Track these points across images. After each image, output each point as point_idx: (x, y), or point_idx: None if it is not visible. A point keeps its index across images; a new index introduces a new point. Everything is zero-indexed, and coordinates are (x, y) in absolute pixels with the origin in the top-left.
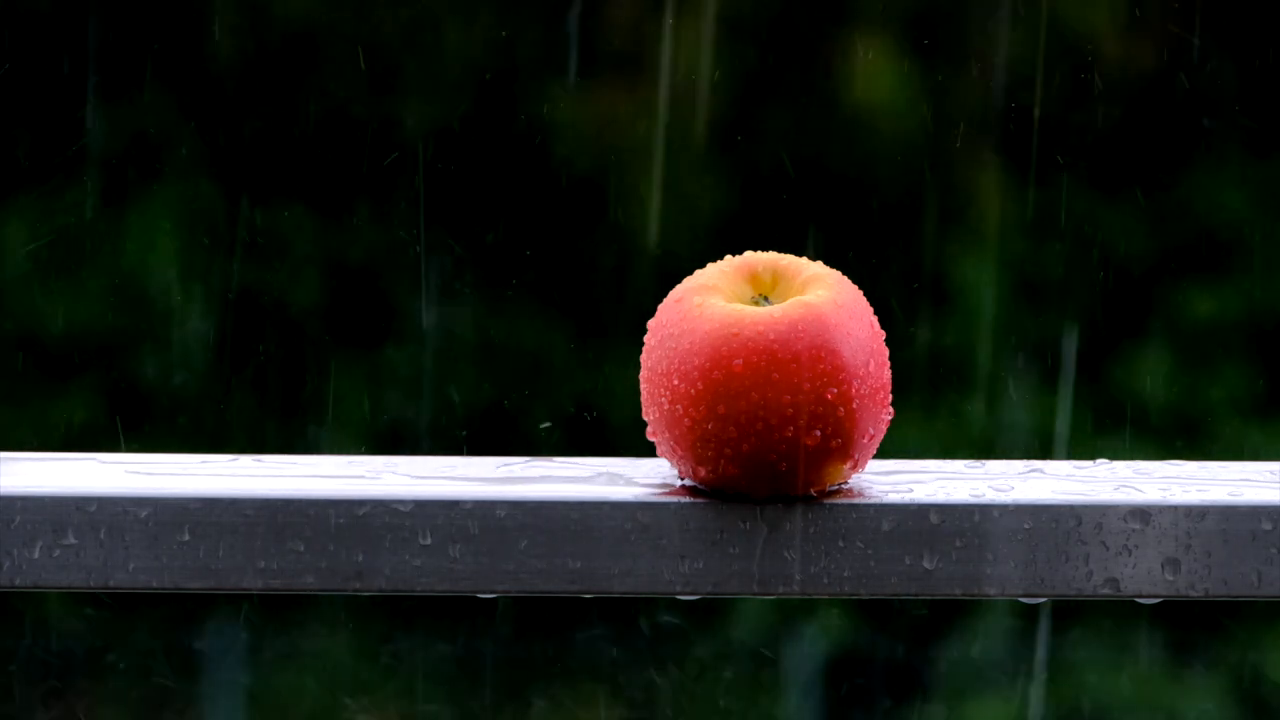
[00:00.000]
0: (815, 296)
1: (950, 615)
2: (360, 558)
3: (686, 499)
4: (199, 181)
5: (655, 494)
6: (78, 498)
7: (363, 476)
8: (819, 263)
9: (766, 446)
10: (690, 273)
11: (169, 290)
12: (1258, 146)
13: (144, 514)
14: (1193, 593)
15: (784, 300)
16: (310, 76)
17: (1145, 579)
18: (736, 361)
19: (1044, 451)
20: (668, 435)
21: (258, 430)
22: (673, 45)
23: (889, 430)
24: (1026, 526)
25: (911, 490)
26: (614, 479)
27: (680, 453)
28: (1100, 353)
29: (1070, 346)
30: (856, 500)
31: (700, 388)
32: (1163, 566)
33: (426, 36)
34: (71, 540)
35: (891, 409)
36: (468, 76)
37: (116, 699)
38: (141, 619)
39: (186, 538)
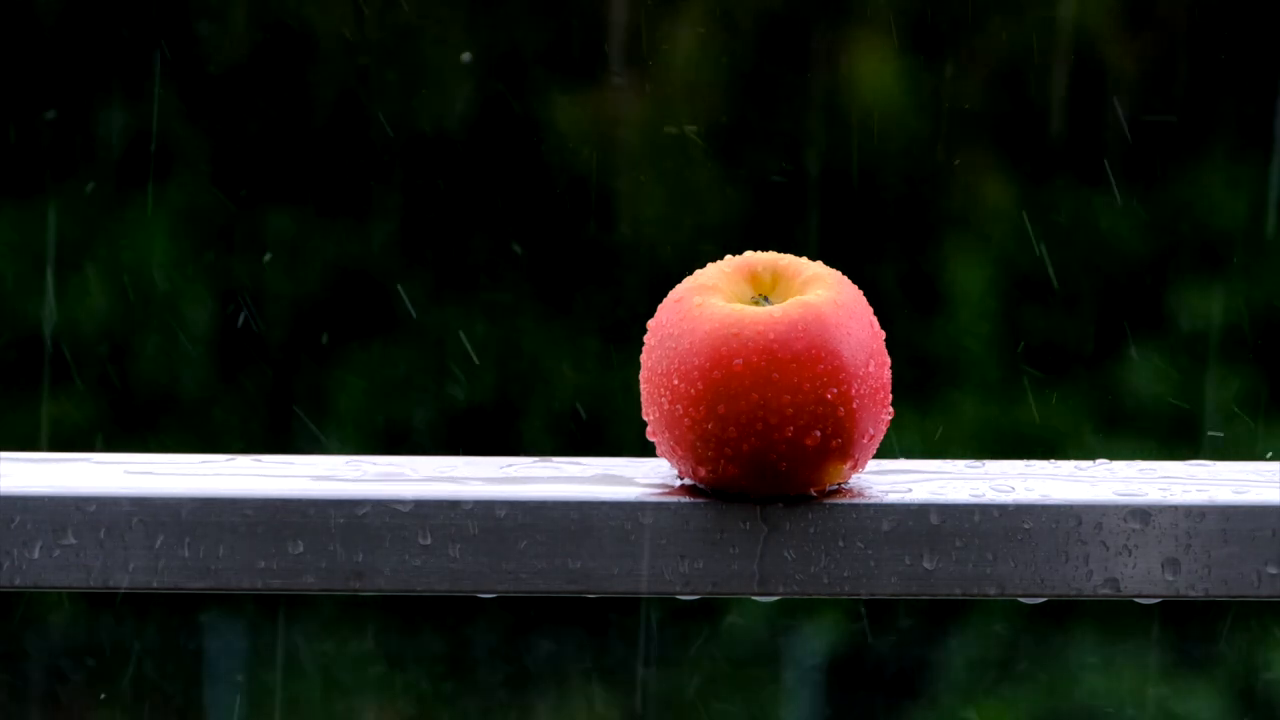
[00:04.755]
0: (815, 296)
1: (950, 615)
2: (360, 558)
3: (686, 499)
4: (199, 181)
5: (655, 494)
6: (78, 498)
7: (363, 477)
8: (819, 263)
9: (766, 446)
10: (690, 273)
11: (169, 290)
12: (1258, 145)
13: (144, 514)
14: (1193, 593)
15: (784, 300)
16: (311, 76)
17: (1145, 579)
18: (736, 361)
19: (1043, 451)
20: (668, 435)
21: (257, 430)
22: (672, 45)
23: (888, 430)
24: (1026, 526)
25: (911, 490)
26: (614, 479)
27: (680, 453)
28: (1100, 352)
29: (1070, 346)
30: (856, 500)
31: (700, 388)
32: (1163, 566)
33: (426, 36)
34: (71, 540)
35: (891, 409)
36: (468, 76)
37: (117, 699)
38: (142, 619)
39: (186, 538)
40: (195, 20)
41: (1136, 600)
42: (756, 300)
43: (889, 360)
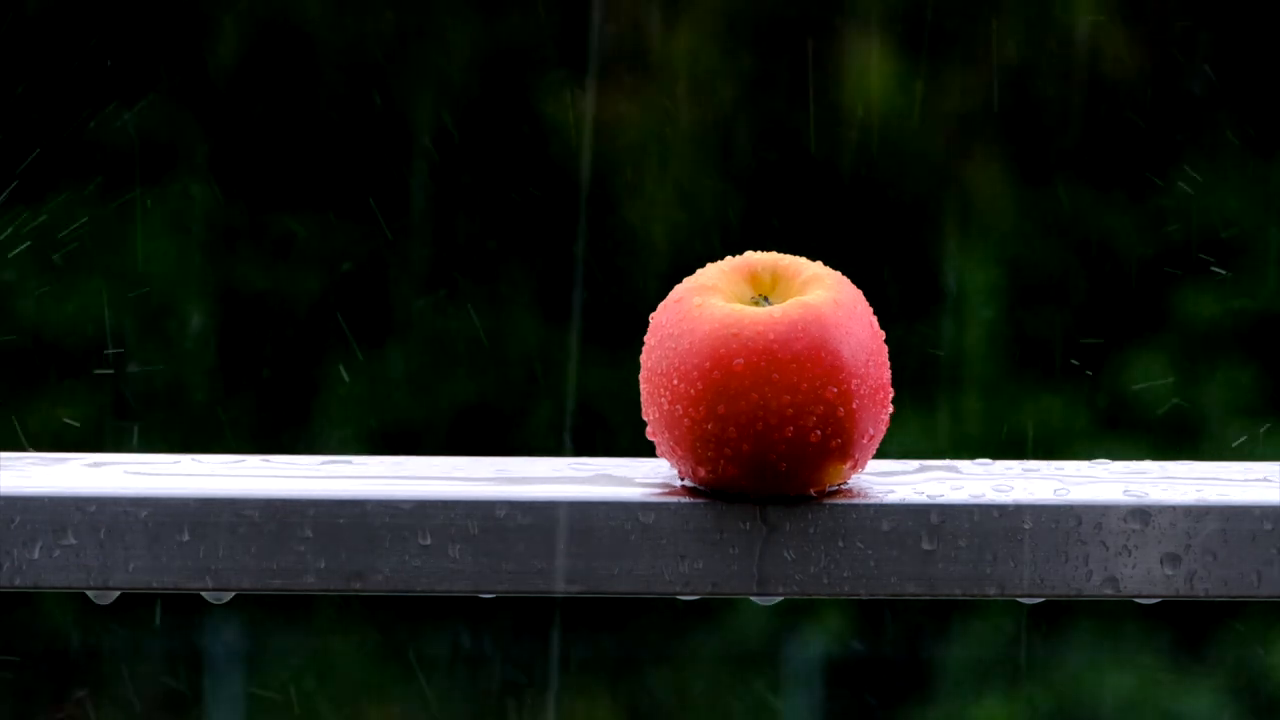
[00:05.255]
0: (815, 296)
1: (950, 615)
2: (360, 558)
3: (686, 499)
4: (200, 182)
5: (655, 494)
6: (78, 498)
7: (363, 476)
8: (819, 263)
9: (766, 446)
10: (691, 273)
11: (170, 290)
12: (1258, 146)
13: (144, 514)
14: (1193, 593)
15: (784, 300)
16: (311, 76)
17: (1145, 579)
18: (737, 361)
19: (1043, 451)
20: (668, 435)
21: (258, 430)
22: (674, 44)
23: (889, 430)
24: (1026, 526)
25: (911, 490)
26: (614, 479)
27: (680, 453)
28: (1100, 353)
29: (1070, 346)
30: (856, 500)
31: (700, 388)
32: (1163, 566)
33: (428, 36)
34: (71, 540)
35: (892, 408)
36: (470, 76)
37: (117, 699)
38: (141, 619)
39: (186, 538)
40: (196, 22)
41: (1136, 600)
42: (756, 300)
43: (889, 360)
